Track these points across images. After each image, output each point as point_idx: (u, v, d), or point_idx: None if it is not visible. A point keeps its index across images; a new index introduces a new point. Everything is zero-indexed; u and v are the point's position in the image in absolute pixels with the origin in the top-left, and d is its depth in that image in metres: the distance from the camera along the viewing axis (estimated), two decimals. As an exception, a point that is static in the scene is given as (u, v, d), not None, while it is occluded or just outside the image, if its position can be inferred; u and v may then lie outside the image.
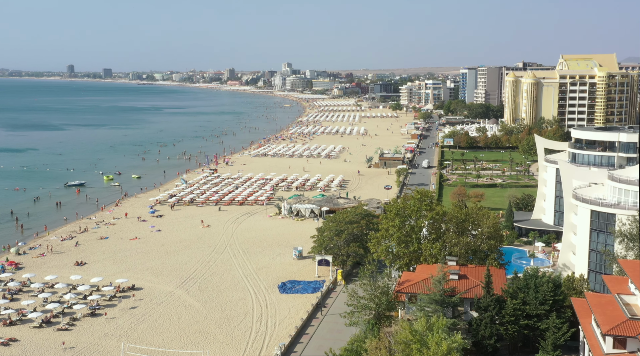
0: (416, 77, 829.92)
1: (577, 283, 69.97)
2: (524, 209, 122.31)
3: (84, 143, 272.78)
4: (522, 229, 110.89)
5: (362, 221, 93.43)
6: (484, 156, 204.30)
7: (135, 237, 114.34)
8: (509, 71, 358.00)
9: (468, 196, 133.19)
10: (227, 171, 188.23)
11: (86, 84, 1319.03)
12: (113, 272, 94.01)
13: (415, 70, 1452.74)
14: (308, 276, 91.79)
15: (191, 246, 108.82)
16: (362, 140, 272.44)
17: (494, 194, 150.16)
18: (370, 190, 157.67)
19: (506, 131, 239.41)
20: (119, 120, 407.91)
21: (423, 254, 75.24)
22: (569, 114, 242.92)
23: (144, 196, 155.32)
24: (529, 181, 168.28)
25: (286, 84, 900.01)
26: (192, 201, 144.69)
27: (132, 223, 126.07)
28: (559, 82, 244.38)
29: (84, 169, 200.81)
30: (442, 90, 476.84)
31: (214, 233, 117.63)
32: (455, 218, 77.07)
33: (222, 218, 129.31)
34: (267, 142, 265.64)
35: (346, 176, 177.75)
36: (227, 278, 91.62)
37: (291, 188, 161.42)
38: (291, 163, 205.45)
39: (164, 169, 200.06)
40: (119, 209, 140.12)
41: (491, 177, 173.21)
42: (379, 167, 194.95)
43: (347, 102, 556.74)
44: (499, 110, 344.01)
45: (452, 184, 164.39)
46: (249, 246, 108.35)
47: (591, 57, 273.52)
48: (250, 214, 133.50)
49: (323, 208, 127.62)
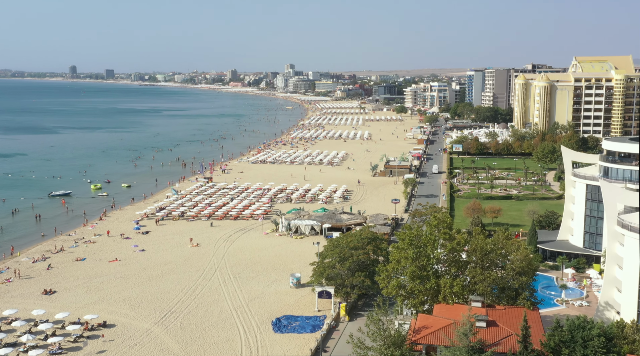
0: (420, 79, 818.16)
1: (628, 331, 58.30)
2: (547, 228, 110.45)
3: (75, 148, 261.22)
4: (546, 252, 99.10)
5: (369, 246, 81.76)
6: (496, 164, 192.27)
7: (115, 258, 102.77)
8: (518, 73, 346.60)
9: (484, 212, 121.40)
10: (223, 180, 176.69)
11: (88, 85, 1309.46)
12: (84, 303, 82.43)
13: (418, 71, 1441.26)
14: (307, 309, 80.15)
15: (177, 269, 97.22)
16: (366, 145, 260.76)
17: (509, 207, 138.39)
18: (376, 202, 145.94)
19: (518, 136, 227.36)
20: (116, 123, 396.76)
21: (442, 291, 63.58)
22: (584, 119, 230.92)
23: (131, 208, 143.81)
24: (546, 192, 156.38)
25: (288, 85, 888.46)
26: (183, 215, 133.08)
27: (114, 241, 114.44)
28: (574, 85, 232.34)
29: (72, 176, 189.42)
30: (448, 92, 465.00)
31: (204, 253, 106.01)
32: (479, 249, 65.34)
33: (214, 235, 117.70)
34: (267, 148, 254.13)
35: (350, 186, 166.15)
36: (214, 311, 79.98)
37: (290, 200, 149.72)
38: (291, 171, 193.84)
39: (157, 177, 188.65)
40: (102, 223, 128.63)
41: (505, 187, 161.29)
42: (384, 176, 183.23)
43: (350, 105, 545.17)
44: (507, 113, 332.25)
45: (464, 195, 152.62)
46: (242, 269, 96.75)
47: (606, 59, 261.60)
48: (244, 230, 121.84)
49: (325, 224, 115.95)
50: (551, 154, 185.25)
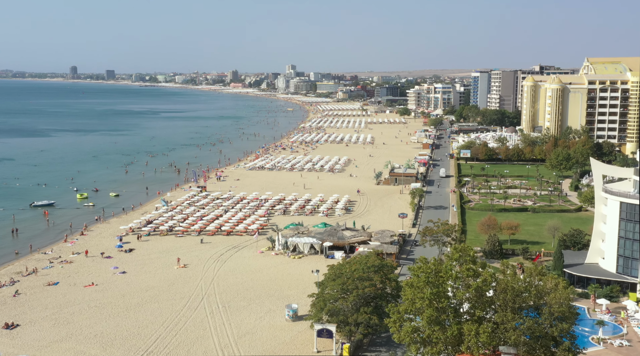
0: (422, 80, 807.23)
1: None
2: (572, 248, 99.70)
3: (66, 152, 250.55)
4: (573, 277, 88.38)
5: (376, 276, 71.01)
6: (508, 172, 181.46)
7: (92, 283, 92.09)
8: (526, 74, 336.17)
9: (500, 228, 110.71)
10: (218, 188, 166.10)
11: (88, 86, 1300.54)
12: (49, 341, 71.84)
13: (420, 72, 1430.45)
14: (304, 349, 69.52)
15: (159, 296, 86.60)
16: (369, 150, 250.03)
17: (526, 221, 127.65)
18: (381, 215, 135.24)
19: (529, 141, 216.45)
20: (112, 125, 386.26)
21: (465, 341, 52.92)
22: (598, 123, 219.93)
23: (117, 221, 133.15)
24: (564, 203, 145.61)
25: (290, 86, 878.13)
26: (171, 230, 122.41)
27: (94, 261, 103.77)
28: (588, 88, 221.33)
29: (58, 184, 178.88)
30: (452, 94, 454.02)
31: (191, 276, 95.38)
32: (510, 289, 54.62)
33: (204, 254, 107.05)
34: (266, 152, 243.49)
35: (352, 196, 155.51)
36: (197, 352, 69.33)
37: (289, 212, 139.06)
38: (291, 178, 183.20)
39: (149, 184, 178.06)
40: (83, 239, 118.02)
41: (519, 198, 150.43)
42: (389, 184, 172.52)
43: (352, 106, 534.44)
44: (515, 117, 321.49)
45: (476, 207, 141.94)
46: (232, 297, 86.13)
47: (619, 61, 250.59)
48: (237, 248, 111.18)
49: (325, 242, 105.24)
50: (566, 161, 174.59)
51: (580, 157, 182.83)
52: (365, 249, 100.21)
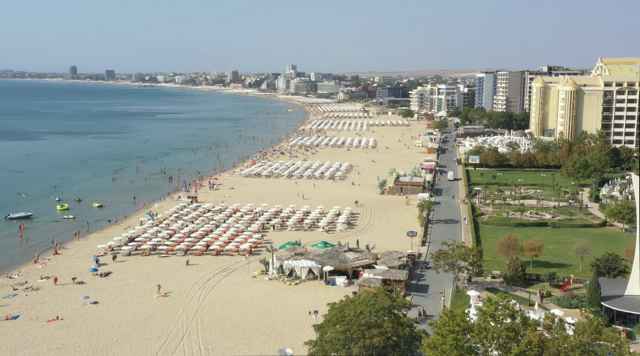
0: (424, 81, 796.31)
1: None
2: (606, 275, 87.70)
3: (53, 157, 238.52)
4: (612, 312, 76.36)
5: (387, 322, 58.98)
6: (522, 180, 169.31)
7: (57, 317, 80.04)
8: (533, 75, 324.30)
9: (521, 249, 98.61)
10: (210, 198, 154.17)
11: (87, 86, 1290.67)
12: (-6, 398, 60.06)
13: (421, 72, 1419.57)
14: (300, 409, 57.64)
15: (133, 335, 74.58)
16: (371, 155, 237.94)
17: (546, 238, 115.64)
18: (387, 231, 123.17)
19: (542, 147, 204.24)
20: (106, 127, 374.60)
21: None
22: (615, 127, 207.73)
23: (97, 237, 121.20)
24: (585, 216, 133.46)
25: (290, 87, 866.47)
26: (154, 249, 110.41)
27: (64, 288, 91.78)
28: (604, 90, 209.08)
29: (40, 193, 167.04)
30: (456, 95, 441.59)
31: (172, 307, 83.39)
32: (563, 352, 42.66)
33: (189, 279, 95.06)
34: (263, 157, 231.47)
35: (355, 208, 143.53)
36: (170, 413, 57.45)
37: (286, 227, 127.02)
38: (288, 187, 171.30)
39: (137, 193, 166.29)
40: (56, 260, 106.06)
41: (536, 210, 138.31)
42: (394, 194, 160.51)
43: (353, 108, 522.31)
44: (522, 119, 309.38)
45: (490, 221, 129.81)
46: (217, 335, 74.13)
47: (634, 61, 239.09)
48: (227, 271, 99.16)
49: (325, 267, 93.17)
50: (583, 169, 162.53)
51: (598, 164, 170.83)
52: (370, 276, 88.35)
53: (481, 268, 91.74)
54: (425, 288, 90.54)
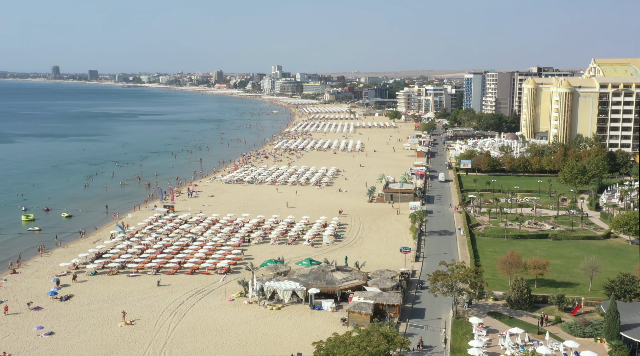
0: (410, 81, 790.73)
1: None
2: (621, 298, 79.41)
3: (24, 161, 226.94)
4: (634, 344, 68.00)
5: (383, 369, 49.95)
6: (519, 187, 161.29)
7: (4, 353, 70.14)
8: (523, 76, 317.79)
9: (525, 267, 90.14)
10: (188, 208, 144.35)
11: (69, 86, 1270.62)
12: None
13: (407, 73, 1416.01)
14: None
15: (90, 374, 64.96)
16: (359, 158, 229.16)
17: (548, 251, 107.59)
18: (377, 244, 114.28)
19: (536, 151, 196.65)
20: (84, 129, 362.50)
21: None
22: (611, 130, 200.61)
23: (61, 252, 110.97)
24: (587, 226, 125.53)
25: (275, 87, 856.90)
26: (123, 267, 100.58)
27: (15, 317, 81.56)
28: (599, 92, 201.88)
29: (6, 202, 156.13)
30: (444, 96, 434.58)
31: (138, 338, 73.73)
32: None
33: (159, 303, 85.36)
34: (247, 161, 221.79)
35: (342, 218, 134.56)
36: None
37: (268, 240, 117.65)
38: (272, 194, 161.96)
39: (110, 201, 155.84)
40: (14, 280, 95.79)
41: (535, 220, 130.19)
42: (383, 202, 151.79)
43: (339, 109, 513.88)
44: (512, 121, 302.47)
45: (487, 232, 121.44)
46: (187, 374, 64.73)
47: (628, 62, 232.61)
48: (202, 293, 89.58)
49: (311, 289, 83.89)
50: (581, 174, 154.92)
51: (596, 169, 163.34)
52: (361, 300, 79.31)
53: (483, 289, 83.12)
54: (422, 313, 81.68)
